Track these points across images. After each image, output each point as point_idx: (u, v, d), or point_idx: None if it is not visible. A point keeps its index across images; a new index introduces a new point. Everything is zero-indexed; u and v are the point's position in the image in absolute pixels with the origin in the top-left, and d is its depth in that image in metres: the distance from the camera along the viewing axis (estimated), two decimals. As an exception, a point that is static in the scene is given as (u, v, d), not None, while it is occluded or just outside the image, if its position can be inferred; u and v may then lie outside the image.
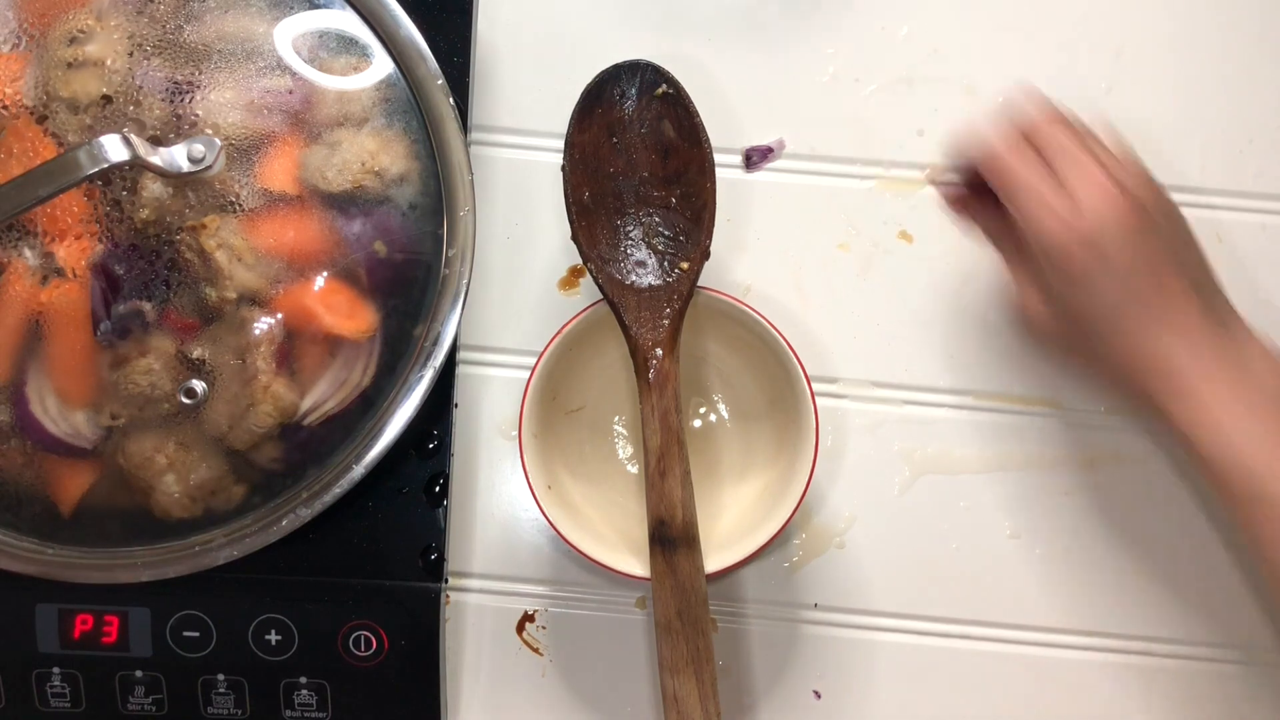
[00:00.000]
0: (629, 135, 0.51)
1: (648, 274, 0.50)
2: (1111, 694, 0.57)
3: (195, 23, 0.52)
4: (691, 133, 0.51)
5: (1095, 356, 0.50)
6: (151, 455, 0.50)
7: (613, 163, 0.51)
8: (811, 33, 0.62)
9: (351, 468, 0.51)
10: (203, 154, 0.50)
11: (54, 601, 0.53)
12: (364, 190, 0.52)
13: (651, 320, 0.49)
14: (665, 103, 0.51)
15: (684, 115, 0.51)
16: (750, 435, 0.56)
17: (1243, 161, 0.61)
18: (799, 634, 0.57)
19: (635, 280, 0.50)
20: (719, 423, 0.57)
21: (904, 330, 0.59)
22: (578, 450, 0.56)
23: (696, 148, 0.51)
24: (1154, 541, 0.58)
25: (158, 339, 0.50)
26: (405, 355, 0.52)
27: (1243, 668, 0.57)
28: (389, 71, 0.53)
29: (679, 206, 0.51)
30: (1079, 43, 0.62)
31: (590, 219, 0.50)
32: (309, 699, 0.54)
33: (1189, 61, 0.62)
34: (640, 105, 0.51)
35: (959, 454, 0.58)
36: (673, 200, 0.51)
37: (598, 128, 0.51)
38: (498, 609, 0.57)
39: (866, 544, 0.58)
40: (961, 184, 0.52)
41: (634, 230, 0.50)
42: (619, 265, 0.50)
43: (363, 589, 0.54)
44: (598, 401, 0.57)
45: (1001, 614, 0.57)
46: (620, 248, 0.50)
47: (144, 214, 0.50)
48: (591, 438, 0.57)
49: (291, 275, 0.51)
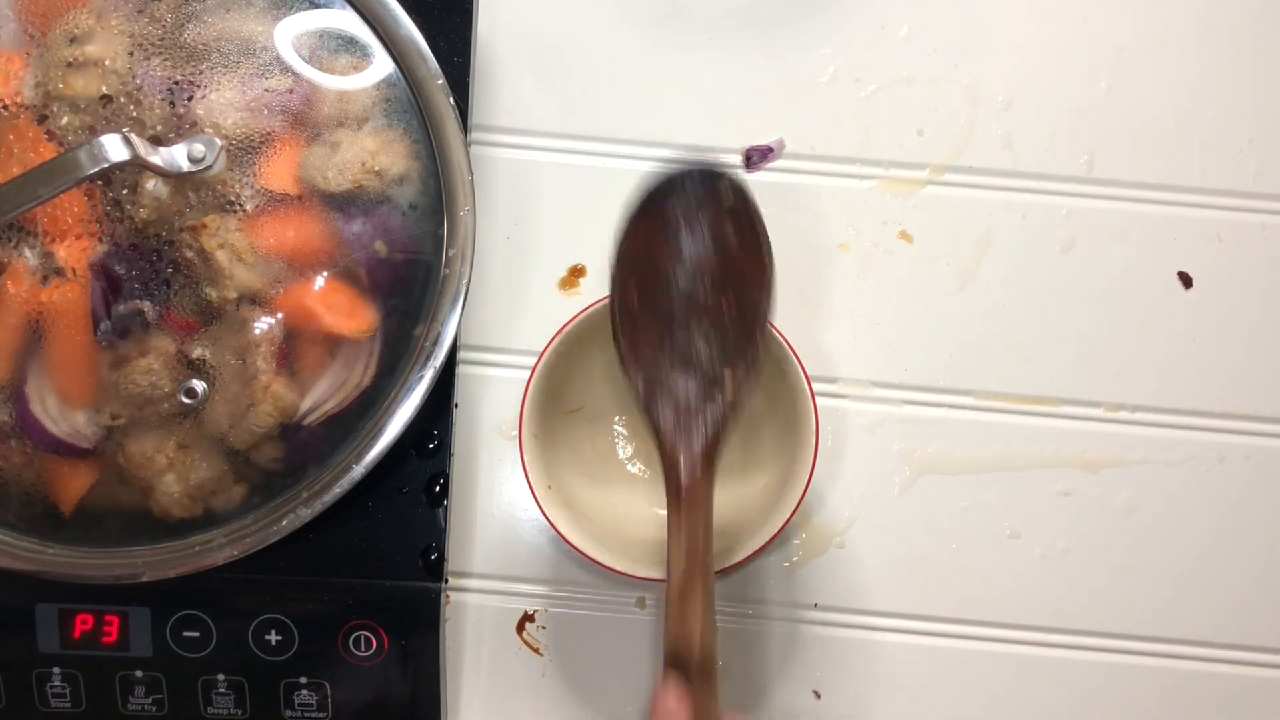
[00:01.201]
0: (686, 241, 0.47)
1: (691, 384, 0.47)
2: (1112, 694, 0.57)
3: (195, 22, 0.52)
4: (754, 245, 0.47)
5: None
6: (152, 455, 0.50)
7: (665, 267, 0.47)
8: (811, 32, 0.62)
9: (351, 468, 0.51)
10: (203, 154, 0.50)
11: (54, 601, 0.53)
12: (364, 190, 0.52)
13: (689, 434, 0.46)
14: (732, 214, 0.48)
15: (748, 227, 0.48)
16: (750, 434, 0.56)
17: (1243, 161, 0.61)
18: (799, 634, 0.57)
19: (676, 391, 0.47)
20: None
21: (904, 330, 0.59)
22: (578, 450, 0.56)
23: (757, 261, 0.47)
24: (1154, 541, 0.58)
25: (158, 339, 0.50)
26: (405, 355, 0.52)
27: (1243, 668, 0.57)
28: (389, 71, 0.53)
29: (731, 318, 0.47)
30: (1079, 43, 0.62)
31: (634, 321, 0.47)
32: (309, 699, 0.54)
33: (1189, 61, 0.62)
34: (704, 212, 0.47)
35: (959, 454, 0.58)
36: (725, 311, 0.47)
37: (653, 228, 0.47)
38: (498, 609, 0.57)
39: (866, 544, 0.58)
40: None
41: (681, 338, 0.47)
42: (660, 373, 0.47)
43: (363, 589, 0.54)
44: (598, 401, 0.57)
45: (1002, 614, 0.57)
46: (664, 355, 0.47)
47: (144, 214, 0.50)
48: (591, 437, 0.57)
49: (292, 275, 0.51)
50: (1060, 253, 0.60)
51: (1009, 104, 0.61)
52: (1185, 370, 0.59)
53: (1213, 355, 0.59)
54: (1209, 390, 0.59)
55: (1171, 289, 0.60)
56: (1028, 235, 0.60)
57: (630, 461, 0.57)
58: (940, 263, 0.60)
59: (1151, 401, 0.59)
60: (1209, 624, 0.57)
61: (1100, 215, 0.60)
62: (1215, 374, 0.59)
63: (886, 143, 0.61)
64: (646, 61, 0.61)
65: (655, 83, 0.61)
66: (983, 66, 0.61)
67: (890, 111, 0.61)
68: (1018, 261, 0.60)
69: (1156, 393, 0.59)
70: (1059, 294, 0.60)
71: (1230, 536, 0.58)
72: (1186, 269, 0.60)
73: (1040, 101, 0.61)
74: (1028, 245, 0.60)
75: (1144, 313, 0.60)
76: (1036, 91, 0.61)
